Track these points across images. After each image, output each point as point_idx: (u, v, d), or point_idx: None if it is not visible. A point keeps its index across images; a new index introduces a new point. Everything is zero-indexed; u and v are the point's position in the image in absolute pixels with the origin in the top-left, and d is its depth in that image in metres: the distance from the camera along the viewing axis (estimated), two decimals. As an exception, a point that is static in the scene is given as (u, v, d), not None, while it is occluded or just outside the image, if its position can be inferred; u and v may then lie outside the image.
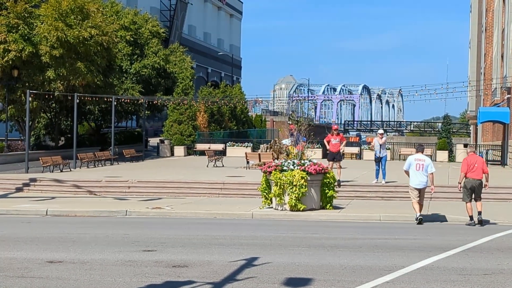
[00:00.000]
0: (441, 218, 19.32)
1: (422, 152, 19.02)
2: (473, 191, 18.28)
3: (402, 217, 19.45)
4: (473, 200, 18.37)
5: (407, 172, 18.84)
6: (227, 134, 58.09)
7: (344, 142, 26.75)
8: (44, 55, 39.23)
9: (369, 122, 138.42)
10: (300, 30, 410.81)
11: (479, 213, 18.06)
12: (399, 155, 47.44)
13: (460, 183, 18.44)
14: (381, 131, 27.49)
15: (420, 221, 18.25)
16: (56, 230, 16.50)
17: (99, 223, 18.56)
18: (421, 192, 18.55)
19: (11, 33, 38.65)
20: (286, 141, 26.70)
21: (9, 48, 38.19)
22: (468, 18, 77.05)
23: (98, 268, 11.06)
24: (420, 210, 18.60)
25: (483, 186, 18.56)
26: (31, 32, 39.86)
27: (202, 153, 47.42)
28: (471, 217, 18.23)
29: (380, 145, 26.03)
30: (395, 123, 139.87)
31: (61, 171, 33.83)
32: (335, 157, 25.67)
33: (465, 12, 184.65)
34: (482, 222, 18.00)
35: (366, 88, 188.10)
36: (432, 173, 18.54)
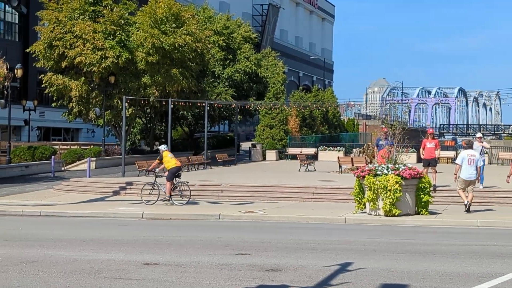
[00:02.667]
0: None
1: (471, 148, 21.39)
2: None
3: (501, 223, 18.83)
4: None
5: (458, 165, 20.74)
6: (319, 138, 57.80)
7: (439, 149, 26.06)
8: (140, 62, 40.09)
9: (465, 126, 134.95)
10: (391, 33, 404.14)
11: None
12: (497, 159, 46.10)
13: (509, 176, 20.54)
14: (479, 134, 26.78)
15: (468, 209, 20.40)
16: (152, 233, 16.82)
17: (193, 226, 18.80)
18: (470, 184, 20.54)
19: (108, 40, 39.65)
20: (382, 143, 26.04)
21: (107, 54, 39.19)
22: None
23: (192, 271, 11.19)
24: (471, 200, 20.50)
25: None
26: (127, 38, 40.82)
27: (293, 157, 47.39)
28: None
29: (481, 149, 25.21)
30: (493, 126, 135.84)
31: (156, 175, 34.42)
32: (430, 162, 25.09)
33: None
34: None
35: (462, 91, 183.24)
36: (479, 167, 21.17)
